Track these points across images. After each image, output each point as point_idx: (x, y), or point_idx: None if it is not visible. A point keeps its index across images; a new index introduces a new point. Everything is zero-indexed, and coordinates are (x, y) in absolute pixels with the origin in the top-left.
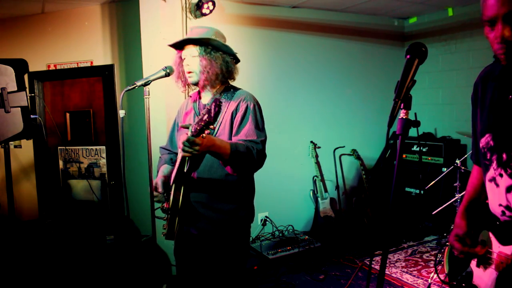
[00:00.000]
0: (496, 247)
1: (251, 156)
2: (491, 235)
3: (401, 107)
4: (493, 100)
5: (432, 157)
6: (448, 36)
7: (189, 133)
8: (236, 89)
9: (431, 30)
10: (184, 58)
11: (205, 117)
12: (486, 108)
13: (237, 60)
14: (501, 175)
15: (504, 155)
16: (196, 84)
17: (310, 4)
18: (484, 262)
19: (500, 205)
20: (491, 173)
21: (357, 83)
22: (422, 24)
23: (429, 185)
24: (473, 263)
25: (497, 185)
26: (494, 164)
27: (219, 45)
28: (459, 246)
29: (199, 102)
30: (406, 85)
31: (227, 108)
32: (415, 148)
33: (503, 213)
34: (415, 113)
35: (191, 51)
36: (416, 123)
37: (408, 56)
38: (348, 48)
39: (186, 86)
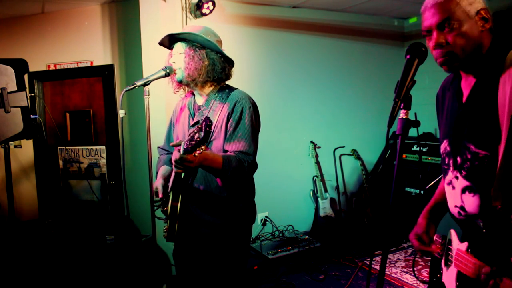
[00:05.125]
0: (456, 245)
1: (243, 169)
2: (453, 233)
3: (401, 107)
4: (448, 108)
5: (432, 157)
6: None
7: (182, 150)
8: (232, 89)
9: None
10: (172, 56)
11: (196, 136)
12: (444, 116)
13: (227, 59)
14: (457, 178)
15: (458, 159)
16: (181, 82)
17: (310, 4)
18: (447, 260)
19: (456, 206)
20: (449, 176)
21: (357, 83)
22: None
23: (429, 185)
24: (442, 262)
25: (454, 188)
26: (451, 168)
27: (201, 40)
28: (416, 244)
29: (194, 102)
30: (406, 85)
31: (222, 110)
32: (415, 148)
33: (459, 213)
34: (415, 113)
35: (178, 48)
36: (416, 123)
37: (408, 56)
38: (348, 48)
39: (180, 87)
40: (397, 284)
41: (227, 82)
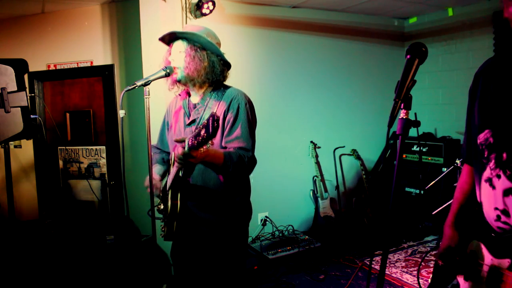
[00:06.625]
0: (489, 260)
1: (243, 164)
2: (482, 246)
3: (401, 107)
4: (496, 95)
5: (432, 157)
6: (448, 36)
7: (186, 147)
8: (226, 87)
9: (431, 30)
10: (171, 54)
11: (203, 132)
12: (487, 102)
13: (226, 62)
14: (498, 176)
15: (504, 155)
16: (180, 81)
17: (310, 4)
18: (474, 276)
19: (496, 208)
20: (487, 173)
21: (357, 83)
22: (422, 24)
23: (429, 185)
24: (461, 276)
25: (493, 187)
26: (492, 164)
27: (204, 42)
28: (449, 259)
29: (188, 100)
30: (406, 85)
31: (218, 108)
32: (415, 148)
33: (498, 217)
34: (415, 113)
35: (178, 46)
36: (416, 123)
37: (408, 56)
38: (348, 48)
39: (176, 85)
40: (397, 284)
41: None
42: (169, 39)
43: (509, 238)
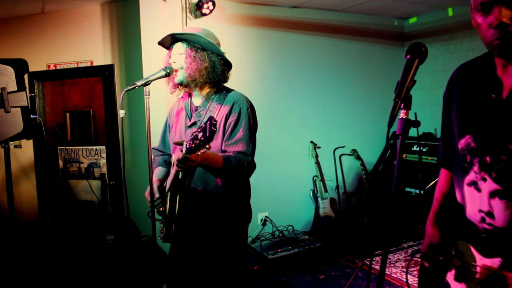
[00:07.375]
0: (479, 260)
1: (242, 168)
2: (470, 247)
3: (401, 107)
4: (473, 99)
5: (432, 157)
6: (448, 36)
7: (184, 150)
8: (228, 90)
9: (431, 30)
10: (171, 56)
11: (200, 135)
12: (465, 108)
13: (227, 62)
14: (484, 179)
15: (487, 158)
16: (181, 83)
17: (310, 4)
18: (466, 276)
19: (481, 210)
20: (471, 176)
21: (357, 83)
22: (422, 24)
23: (429, 185)
24: (450, 277)
25: (479, 190)
26: (476, 168)
27: (204, 42)
28: (433, 257)
29: (190, 102)
30: (406, 85)
31: (219, 111)
32: (415, 148)
33: (483, 219)
34: (415, 113)
35: (178, 48)
36: (416, 123)
37: (408, 56)
38: (348, 48)
39: (177, 88)
40: (397, 284)
41: (224, 84)
42: (168, 42)
43: (497, 237)
